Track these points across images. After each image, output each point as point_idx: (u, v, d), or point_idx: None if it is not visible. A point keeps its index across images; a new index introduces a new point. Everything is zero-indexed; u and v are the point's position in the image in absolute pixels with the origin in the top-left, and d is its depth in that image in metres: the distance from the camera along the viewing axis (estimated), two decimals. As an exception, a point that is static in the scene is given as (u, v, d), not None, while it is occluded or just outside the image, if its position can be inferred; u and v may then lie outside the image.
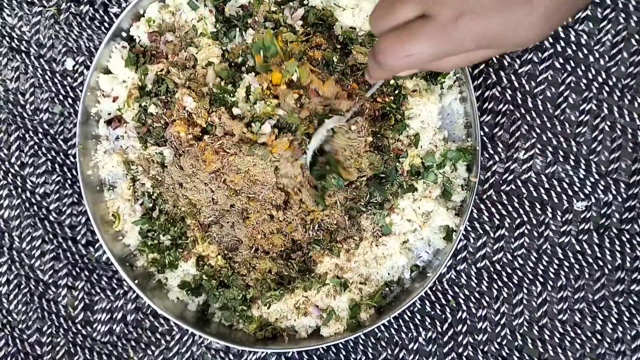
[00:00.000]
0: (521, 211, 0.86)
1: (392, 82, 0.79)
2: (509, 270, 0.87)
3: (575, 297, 0.86)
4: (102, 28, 0.89)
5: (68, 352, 0.90)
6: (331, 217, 0.78)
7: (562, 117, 0.86)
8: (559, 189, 0.86)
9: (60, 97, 0.90)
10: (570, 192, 0.86)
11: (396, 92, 0.79)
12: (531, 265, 0.86)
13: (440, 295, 0.88)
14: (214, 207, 0.79)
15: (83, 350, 0.90)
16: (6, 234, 0.91)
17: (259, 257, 0.80)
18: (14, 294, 0.91)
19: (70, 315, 0.91)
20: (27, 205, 0.91)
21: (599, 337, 0.86)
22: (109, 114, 0.85)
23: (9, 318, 0.91)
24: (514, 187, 0.87)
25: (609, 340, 0.86)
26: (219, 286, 0.83)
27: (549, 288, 0.86)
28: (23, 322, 0.91)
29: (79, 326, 0.90)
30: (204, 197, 0.79)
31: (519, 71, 0.86)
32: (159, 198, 0.83)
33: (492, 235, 0.87)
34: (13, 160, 0.91)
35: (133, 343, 0.90)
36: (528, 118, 0.86)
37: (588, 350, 0.86)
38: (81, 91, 0.89)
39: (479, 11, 0.48)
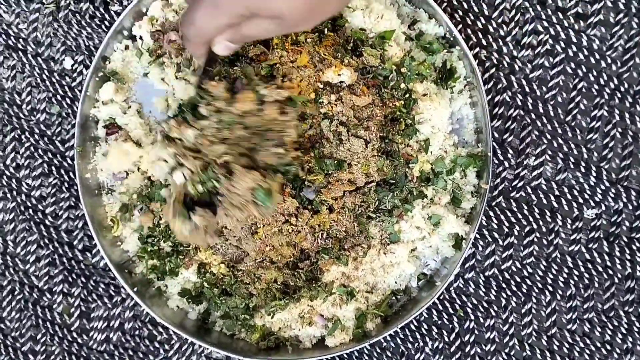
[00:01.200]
0: (531, 219, 0.85)
1: (402, 85, 0.77)
2: (518, 279, 0.85)
3: (585, 306, 0.85)
4: (103, 26, 0.87)
5: (63, 361, 0.88)
6: (339, 223, 0.75)
7: (573, 123, 0.85)
8: (569, 197, 0.85)
9: (58, 97, 0.88)
10: (580, 200, 0.85)
11: (406, 96, 0.77)
12: (540, 274, 0.85)
13: (447, 305, 0.86)
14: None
15: (78, 359, 0.87)
16: (0, 238, 0.88)
17: (264, 267, 0.78)
18: (8, 300, 0.88)
19: (65, 323, 0.88)
20: (22, 208, 0.88)
21: (608, 347, 0.85)
22: (108, 119, 0.82)
23: (2, 325, 0.88)
24: (523, 194, 0.85)
25: (618, 350, 0.85)
26: (221, 294, 0.81)
27: (558, 297, 0.85)
28: (17, 329, 0.88)
29: (74, 334, 0.88)
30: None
31: (530, 76, 0.84)
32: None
33: (501, 243, 0.85)
34: (8, 162, 0.88)
35: (130, 352, 0.87)
36: (539, 124, 0.85)
37: (598, 361, 0.85)
38: (80, 91, 0.86)
39: None
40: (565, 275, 0.85)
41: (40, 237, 0.88)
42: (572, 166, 0.85)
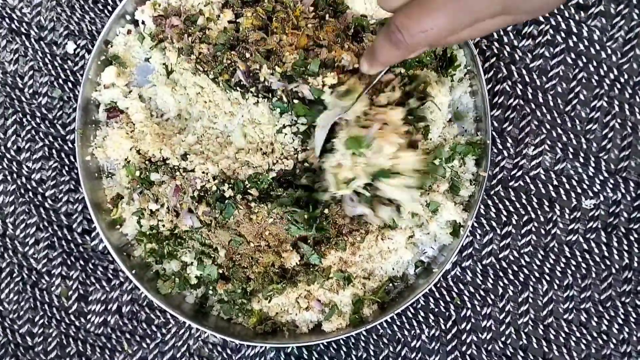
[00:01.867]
0: (529, 208, 0.85)
1: (402, 70, 0.77)
2: (515, 268, 0.85)
3: (582, 296, 0.85)
4: (106, 11, 0.87)
5: (60, 343, 0.88)
6: (339, 208, 0.76)
7: (572, 114, 0.85)
8: (567, 186, 0.85)
9: (60, 81, 0.88)
10: (579, 190, 0.85)
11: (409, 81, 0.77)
12: (538, 263, 0.85)
13: (444, 292, 0.86)
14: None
15: (76, 342, 0.88)
16: (0, 221, 0.88)
17: (262, 250, 0.78)
18: (6, 282, 0.88)
19: (63, 305, 0.88)
20: (22, 191, 0.88)
21: (604, 337, 0.85)
22: (109, 103, 0.83)
23: (0, 307, 0.88)
24: (522, 183, 0.85)
25: (615, 341, 0.85)
26: (219, 278, 0.81)
27: (555, 287, 0.85)
28: (14, 311, 0.88)
29: (72, 317, 0.88)
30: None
31: (531, 66, 0.85)
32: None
33: (498, 232, 0.85)
34: (9, 144, 0.88)
35: (128, 335, 0.87)
36: (538, 113, 0.85)
37: (594, 350, 0.85)
38: (82, 75, 0.87)
39: None
40: (562, 265, 0.85)
41: (39, 219, 0.88)
42: (571, 156, 0.85)
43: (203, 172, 0.77)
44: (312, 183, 0.76)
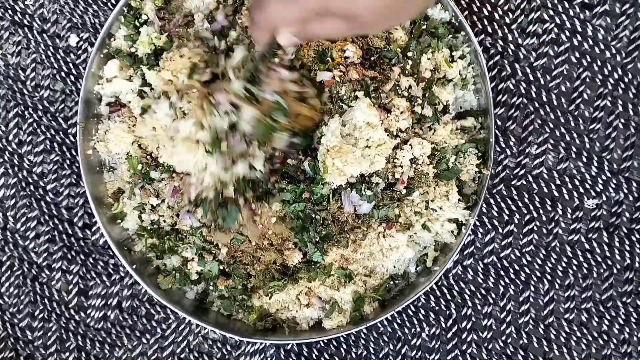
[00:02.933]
0: (531, 207, 0.85)
1: (408, 67, 0.77)
2: (517, 267, 0.85)
3: (583, 296, 0.85)
4: (109, 4, 0.87)
5: (60, 338, 0.87)
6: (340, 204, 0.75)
7: (576, 113, 0.85)
8: (570, 186, 0.85)
9: (62, 74, 0.88)
10: (581, 190, 0.85)
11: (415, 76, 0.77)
12: (539, 262, 0.85)
13: (445, 291, 0.86)
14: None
15: (75, 336, 0.87)
16: (0, 214, 0.88)
17: (264, 248, 0.78)
18: (6, 275, 0.88)
19: (63, 299, 0.88)
20: (24, 184, 0.88)
21: (605, 337, 0.85)
22: (111, 96, 0.82)
23: (0, 301, 0.88)
24: (524, 182, 0.85)
25: (615, 341, 0.85)
26: (219, 275, 0.81)
27: (557, 286, 0.85)
28: (14, 305, 0.88)
29: (72, 311, 0.88)
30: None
31: (534, 64, 0.84)
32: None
33: (500, 230, 0.85)
34: (11, 137, 0.88)
35: (128, 330, 0.87)
36: (542, 112, 0.85)
37: (594, 350, 0.85)
38: (84, 69, 0.86)
39: None
40: (564, 265, 0.85)
41: (40, 213, 0.88)
42: (574, 156, 0.85)
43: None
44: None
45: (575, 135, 0.85)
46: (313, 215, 0.76)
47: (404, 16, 0.59)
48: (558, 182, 0.85)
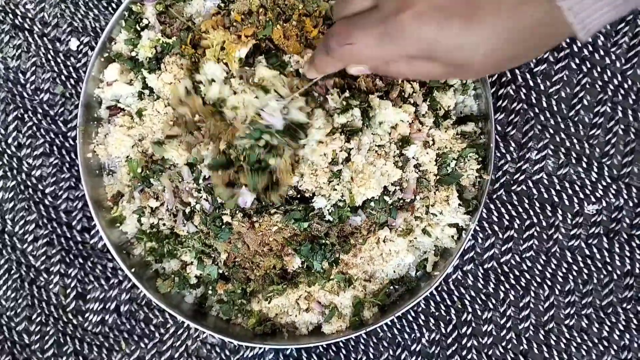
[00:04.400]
0: (531, 212, 0.85)
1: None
2: (517, 273, 0.85)
3: (583, 302, 0.85)
4: (110, 8, 0.87)
5: (57, 342, 0.87)
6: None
7: (576, 119, 0.85)
8: (570, 192, 0.85)
9: (63, 77, 0.88)
10: (581, 195, 0.85)
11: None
12: (539, 268, 0.85)
13: (445, 296, 0.85)
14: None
15: (73, 340, 0.87)
16: (-1, 217, 0.88)
17: (263, 254, 0.78)
18: (4, 279, 0.88)
19: (61, 303, 0.87)
20: (22, 187, 0.88)
21: (605, 343, 0.84)
22: (112, 100, 0.82)
23: (-3, 304, 0.88)
24: (524, 187, 0.85)
25: (615, 347, 0.84)
26: (218, 279, 0.81)
27: (557, 292, 0.85)
28: (12, 309, 0.88)
29: (69, 315, 0.87)
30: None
31: (535, 70, 0.85)
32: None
33: (500, 236, 0.85)
34: (10, 140, 0.88)
35: (126, 335, 0.87)
36: (542, 118, 0.85)
37: (594, 357, 0.84)
38: (84, 73, 0.87)
39: (420, 9, 0.46)
40: (564, 270, 0.85)
41: (39, 216, 0.88)
42: (573, 161, 0.85)
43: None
44: None
45: (575, 140, 0.85)
46: (322, 240, 0.76)
47: (516, 64, 0.50)
48: (558, 187, 0.85)
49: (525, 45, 0.46)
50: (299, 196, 0.76)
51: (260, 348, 0.85)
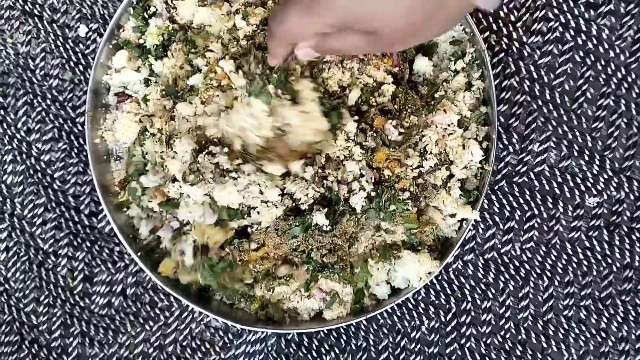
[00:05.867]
0: (532, 204, 0.86)
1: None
2: (517, 263, 0.86)
3: (582, 293, 0.85)
4: (118, -5, 0.88)
5: (64, 323, 0.89)
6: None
7: (579, 111, 0.85)
8: (571, 184, 0.85)
9: (71, 63, 0.89)
10: (582, 188, 0.85)
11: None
12: (539, 259, 0.86)
13: (445, 285, 0.87)
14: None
15: (80, 322, 0.89)
16: (8, 200, 0.89)
17: (266, 257, 0.80)
18: (13, 261, 0.89)
19: (68, 285, 0.89)
20: (32, 172, 0.89)
21: (603, 335, 0.85)
22: (120, 87, 0.83)
23: (6, 286, 0.89)
24: (526, 179, 0.86)
25: (613, 338, 0.85)
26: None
27: (556, 283, 0.86)
28: (20, 290, 0.89)
29: (77, 297, 0.89)
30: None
31: (539, 62, 0.85)
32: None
33: (501, 227, 0.86)
34: (19, 125, 0.89)
35: (131, 317, 0.89)
36: (545, 110, 0.85)
37: (592, 347, 0.85)
38: (93, 59, 0.88)
39: None
40: (564, 262, 0.86)
41: (47, 200, 0.89)
42: (576, 154, 0.85)
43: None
44: None
45: (577, 133, 0.85)
46: (324, 260, 0.78)
47: (429, 35, 0.57)
48: (559, 179, 0.85)
49: (429, 16, 0.52)
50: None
51: (262, 332, 0.87)
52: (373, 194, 0.75)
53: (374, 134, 0.75)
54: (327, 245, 0.78)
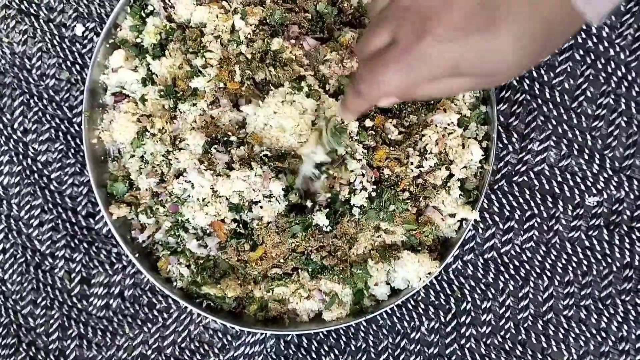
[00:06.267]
0: (532, 203, 0.85)
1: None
2: (517, 263, 0.85)
3: (582, 293, 0.85)
4: (115, -5, 0.87)
5: (62, 325, 0.88)
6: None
7: (578, 110, 0.85)
8: (571, 183, 0.85)
9: (68, 63, 0.88)
10: (582, 187, 0.85)
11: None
12: (539, 259, 0.85)
13: (445, 285, 0.86)
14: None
15: (77, 324, 0.88)
16: (4, 202, 0.89)
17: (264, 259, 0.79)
18: (9, 263, 0.89)
19: (66, 287, 0.88)
20: (28, 172, 0.89)
21: (603, 334, 0.85)
22: (116, 86, 0.83)
23: (3, 288, 0.89)
24: (526, 178, 0.85)
25: (613, 338, 0.85)
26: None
27: (556, 283, 0.85)
28: (17, 292, 0.89)
29: (74, 299, 0.88)
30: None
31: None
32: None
33: (501, 226, 0.86)
34: (16, 125, 0.89)
35: (129, 319, 0.88)
36: (545, 109, 0.85)
37: (592, 347, 0.85)
38: (90, 58, 0.87)
39: (439, 33, 0.46)
40: (563, 262, 0.85)
41: (44, 201, 0.89)
42: (576, 153, 0.85)
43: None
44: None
45: (577, 132, 0.85)
46: (323, 262, 0.78)
47: (540, 60, 0.52)
48: (559, 179, 0.85)
49: (544, 42, 0.47)
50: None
51: (261, 334, 0.86)
52: (374, 194, 0.75)
53: (374, 133, 0.74)
54: (327, 246, 0.77)
